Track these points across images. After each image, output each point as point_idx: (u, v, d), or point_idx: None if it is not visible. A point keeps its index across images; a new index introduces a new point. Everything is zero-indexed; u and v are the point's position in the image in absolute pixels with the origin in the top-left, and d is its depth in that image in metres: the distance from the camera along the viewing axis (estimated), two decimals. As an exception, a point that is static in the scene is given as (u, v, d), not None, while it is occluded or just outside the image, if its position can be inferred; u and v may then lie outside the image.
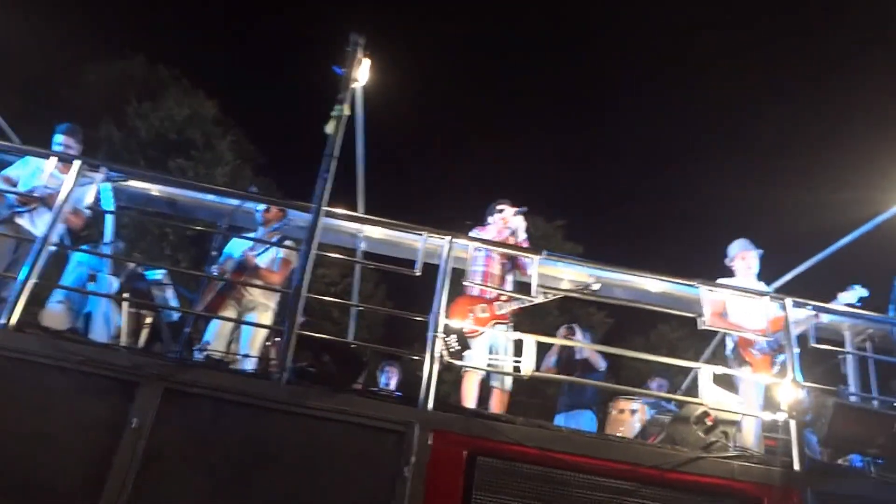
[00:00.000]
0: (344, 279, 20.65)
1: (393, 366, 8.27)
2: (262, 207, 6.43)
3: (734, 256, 6.45)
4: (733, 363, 5.98)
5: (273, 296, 6.28)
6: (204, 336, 5.97)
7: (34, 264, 4.56)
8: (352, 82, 5.27)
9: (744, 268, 6.36)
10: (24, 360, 4.13)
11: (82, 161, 5.11)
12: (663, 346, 22.38)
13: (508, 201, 6.45)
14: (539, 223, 23.81)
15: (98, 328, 5.47)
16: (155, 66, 23.14)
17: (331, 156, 4.95)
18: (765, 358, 5.76)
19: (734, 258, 6.44)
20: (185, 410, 4.13)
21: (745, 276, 6.34)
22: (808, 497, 4.40)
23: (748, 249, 6.42)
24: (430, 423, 4.29)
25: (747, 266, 6.36)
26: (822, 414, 4.70)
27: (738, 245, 6.48)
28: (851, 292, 6.00)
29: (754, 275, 6.38)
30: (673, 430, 5.00)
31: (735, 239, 6.53)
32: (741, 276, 6.35)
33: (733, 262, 6.45)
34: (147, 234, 17.87)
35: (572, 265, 6.79)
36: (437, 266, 5.04)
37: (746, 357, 5.86)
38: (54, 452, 3.92)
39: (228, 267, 6.20)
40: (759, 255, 6.43)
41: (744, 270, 6.35)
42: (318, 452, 4.14)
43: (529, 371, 4.92)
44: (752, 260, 6.38)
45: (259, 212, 6.42)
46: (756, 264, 6.39)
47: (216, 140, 20.82)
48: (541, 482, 4.26)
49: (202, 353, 5.56)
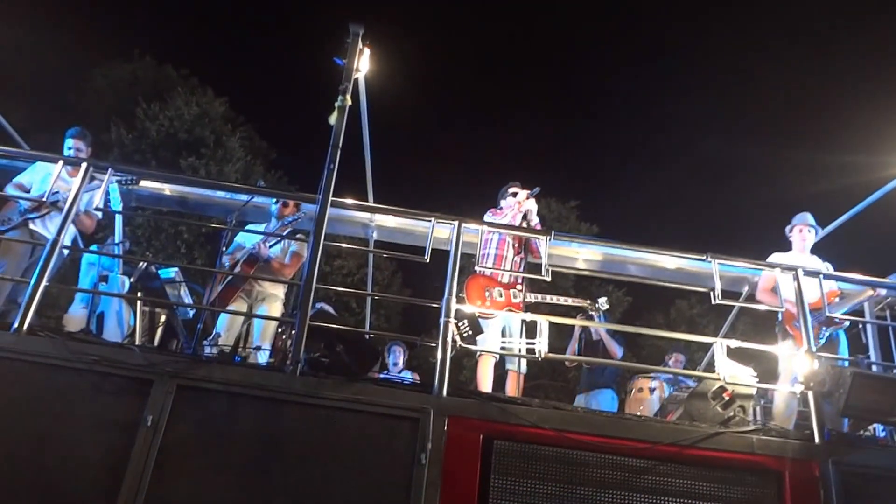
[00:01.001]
0: (361, 269, 20.74)
1: (399, 344, 8.28)
2: (277, 201, 6.46)
3: (793, 226, 6.52)
4: (779, 336, 5.99)
5: (283, 287, 6.32)
6: (215, 328, 5.99)
7: (45, 267, 4.57)
8: (353, 72, 5.26)
9: (799, 241, 6.42)
10: (37, 362, 4.15)
11: (90, 163, 5.13)
12: (682, 322, 22.30)
13: (520, 183, 6.42)
14: (553, 204, 23.71)
15: (111, 328, 5.51)
16: (163, 67, 23.23)
17: (335, 146, 4.94)
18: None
19: (793, 228, 6.51)
20: (199, 406, 4.13)
21: (799, 250, 6.38)
22: (828, 469, 4.35)
23: (807, 223, 6.46)
24: (445, 409, 4.27)
25: (801, 239, 6.41)
26: (841, 384, 4.65)
27: (800, 218, 6.53)
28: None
29: (808, 250, 6.40)
30: (690, 406, 4.97)
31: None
32: (796, 249, 6.40)
33: (791, 233, 6.51)
34: (161, 232, 17.96)
35: (584, 244, 6.76)
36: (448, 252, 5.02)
37: (791, 330, 5.85)
38: (71, 452, 3.94)
39: (239, 256, 6.21)
40: (816, 230, 6.49)
41: (799, 243, 6.41)
42: (334, 442, 4.13)
43: (544, 353, 4.90)
44: (808, 235, 6.42)
45: (276, 205, 6.44)
46: (812, 240, 6.43)
47: (226, 137, 20.85)
48: (558, 463, 4.24)
49: (214, 346, 5.57)
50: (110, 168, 5.28)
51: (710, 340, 5.24)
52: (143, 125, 19.95)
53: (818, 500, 4.26)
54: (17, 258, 5.64)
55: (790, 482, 4.30)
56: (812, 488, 4.31)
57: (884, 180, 6.82)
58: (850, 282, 5.97)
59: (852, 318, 6.14)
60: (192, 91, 21.56)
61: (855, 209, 7.16)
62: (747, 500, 4.26)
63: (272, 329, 6.15)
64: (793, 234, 6.48)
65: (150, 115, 20.08)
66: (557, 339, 5.09)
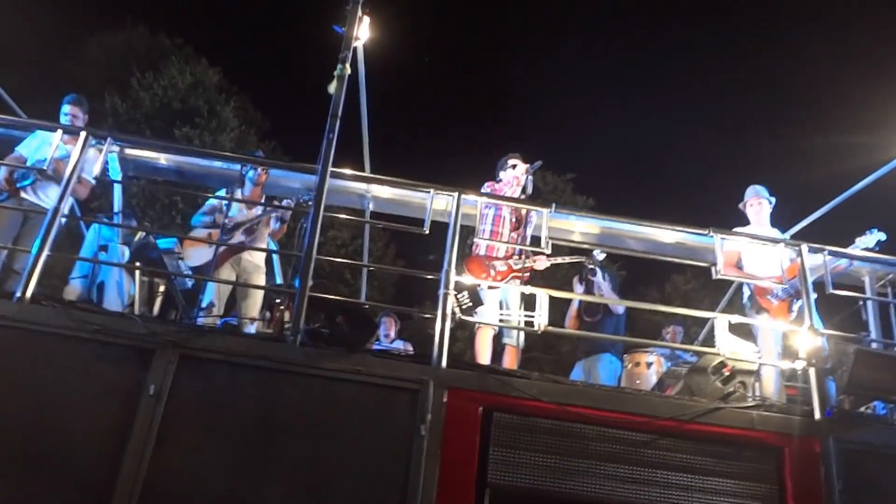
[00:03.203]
0: (355, 241, 20.75)
1: (390, 316, 8.26)
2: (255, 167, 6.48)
3: (745, 202, 6.42)
4: (750, 311, 5.94)
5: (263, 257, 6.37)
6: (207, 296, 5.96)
7: (46, 236, 4.53)
8: (353, 41, 5.19)
9: (754, 214, 6.32)
10: (40, 331, 4.14)
11: (89, 132, 5.07)
12: (677, 297, 22.34)
13: (520, 155, 6.32)
14: (549, 177, 23.64)
15: (111, 297, 5.49)
16: (156, 36, 22.99)
17: (334, 116, 4.89)
18: (781, 305, 5.71)
19: (745, 203, 6.42)
20: (200, 376, 4.13)
21: (757, 223, 6.29)
22: (829, 445, 4.37)
23: (759, 196, 6.36)
24: (445, 381, 4.28)
25: (756, 212, 6.32)
26: (843, 361, 4.64)
27: (751, 191, 6.43)
28: (869, 237, 5.90)
29: (767, 222, 6.32)
30: (690, 381, 4.97)
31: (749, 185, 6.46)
32: (754, 222, 6.30)
33: (745, 208, 6.41)
34: (156, 202, 17.87)
35: (583, 218, 6.72)
36: (446, 225, 4.99)
37: (763, 304, 5.82)
38: (74, 421, 3.93)
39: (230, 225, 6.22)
40: (771, 202, 6.37)
41: (755, 217, 6.32)
42: (334, 413, 4.14)
43: (543, 326, 4.89)
44: (764, 206, 6.33)
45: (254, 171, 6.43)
46: (767, 211, 6.34)
47: (220, 107, 20.69)
48: (558, 436, 4.26)
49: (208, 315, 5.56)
50: (109, 137, 5.23)
51: (711, 315, 5.24)
52: (137, 94, 19.79)
53: (818, 476, 4.28)
54: (5, 227, 5.58)
55: (790, 458, 4.32)
56: (812, 464, 4.33)
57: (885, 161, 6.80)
58: (852, 258, 5.94)
59: (853, 294, 6.13)
60: (186, 60, 21.38)
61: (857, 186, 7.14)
62: (747, 475, 4.28)
63: (259, 301, 6.18)
64: (747, 209, 6.38)
65: (145, 84, 19.92)
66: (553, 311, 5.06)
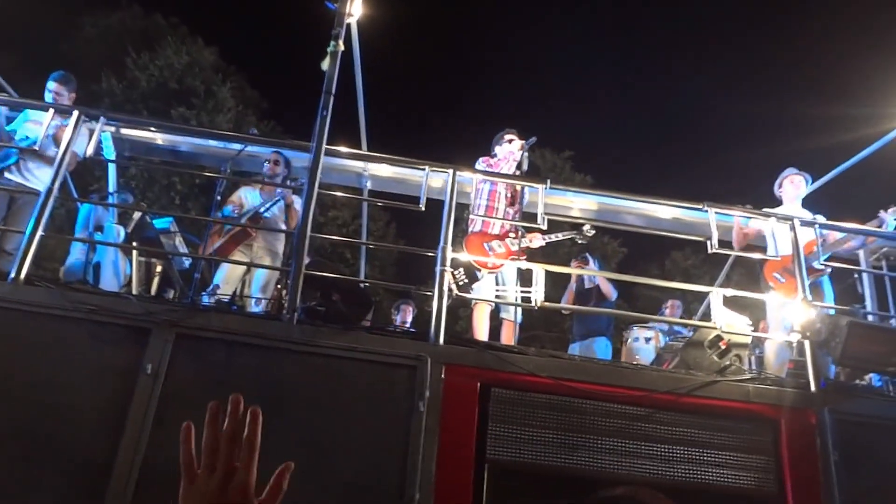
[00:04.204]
0: (355, 220, 20.73)
1: (408, 304, 8.28)
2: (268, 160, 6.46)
3: (781, 181, 6.36)
4: (762, 287, 5.94)
5: (280, 243, 6.31)
6: (213, 280, 5.97)
7: (40, 217, 4.51)
8: (346, 17, 5.15)
9: (793, 191, 6.26)
10: (36, 312, 4.13)
11: (81, 111, 5.04)
12: (677, 273, 22.38)
13: (516, 131, 6.29)
14: (547, 154, 23.58)
15: (107, 277, 5.48)
16: (152, 16, 22.84)
17: (328, 93, 4.86)
18: (790, 281, 5.67)
19: (781, 183, 6.36)
20: (197, 354, 4.14)
21: (790, 202, 6.26)
22: (824, 417, 4.39)
23: (792, 173, 6.33)
24: (442, 357, 4.28)
25: (795, 189, 6.27)
26: (837, 334, 4.66)
27: (788, 170, 6.39)
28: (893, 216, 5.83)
29: (799, 201, 6.29)
30: (687, 355, 4.98)
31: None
32: (787, 201, 6.28)
33: (781, 188, 6.36)
34: (155, 183, 17.85)
35: (578, 194, 6.71)
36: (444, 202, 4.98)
37: (771, 281, 5.81)
38: (72, 402, 3.93)
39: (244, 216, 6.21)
40: (807, 180, 6.36)
41: (792, 194, 6.26)
42: (332, 390, 4.15)
43: (540, 301, 4.89)
44: (801, 184, 6.29)
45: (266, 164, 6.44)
46: (802, 187, 6.31)
47: (217, 87, 20.61)
48: (555, 411, 4.27)
49: (212, 297, 5.56)
50: (102, 116, 5.20)
51: (707, 289, 5.24)
52: (132, 75, 19.71)
53: (814, 447, 4.31)
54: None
55: (786, 430, 4.34)
56: (808, 436, 4.35)
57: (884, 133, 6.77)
58: (848, 231, 5.93)
59: (848, 266, 6.14)
60: (181, 40, 21.25)
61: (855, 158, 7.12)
62: (744, 447, 4.31)
63: (272, 284, 6.15)
64: (783, 188, 6.33)
65: (140, 65, 19.84)
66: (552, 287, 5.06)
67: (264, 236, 6.24)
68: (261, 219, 6.17)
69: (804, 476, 4.24)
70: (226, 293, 5.85)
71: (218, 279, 5.96)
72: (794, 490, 4.20)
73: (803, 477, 4.24)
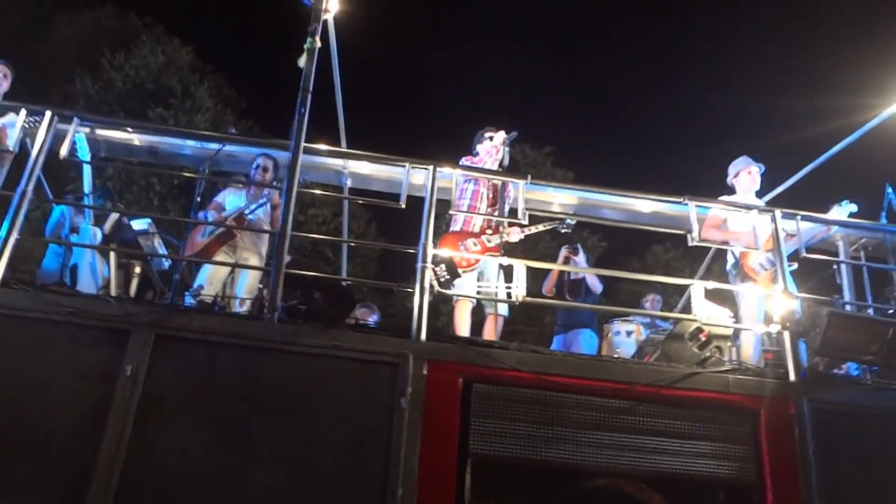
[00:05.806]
0: (336, 218, 20.62)
1: (367, 306, 8.17)
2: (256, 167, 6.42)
3: (738, 172, 6.36)
4: (735, 279, 5.94)
5: (264, 245, 6.28)
6: (196, 280, 5.93)
7: (14, 219, 4.46)
8: (322, 13, 5.12)
9: (749, 182, 6.28)
10: (12, 315, 4.08)
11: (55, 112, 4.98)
12: (658, 267, 22.43)
13: (494, 128, 6.30)
14: (527, 150, 23.61)
15: (85, 279, 5.43)
16: (126, 15, 22.61)
17: (305, 90, 4.84)
18: (767, 273, 5.70)
19: (738, 173, 6.36)
20: (178, 355, 4.11)
21: (746, 192, 6.28)
22: (803, 407, 4.43)
23: (751, 164, 6.34)
24: (424, 354, 4.28)
25: (752, 181, 6.28)
26: (817, 324, 4.71)
27: (741, 161, 6.40)
28: (841, 208, 5.90)
29: (754, 191, 6.31)
30: (668, 347, 5.01)
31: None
32: (742, 192, 6.29)
33: (737, 178, 6.37)
34: (133, 185, 17.70)
35: (560, 189, 6.72)
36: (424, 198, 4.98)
37: (749, 273, 5.83)
38: (51, 405, 3.90)
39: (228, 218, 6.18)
40: (761, 170, 6.37)
41: (748, 185, 6.27)
42: (314, 389, 4.14)
43: (521, 297, 4.90)
44: (756, 175, 6.31)
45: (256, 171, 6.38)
46: (758, 179, 6.32)
47: (194, 87, 20.43)
48: (538, 405, 4.29)
49: (195, 298, 5.53)
50: (76, 117, 5.14)
51: (687, 282, 5.27)
52: (108, 76, 19.50)
53: (793, 437, 4.35)
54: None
55: (766, 420, 4.38)
56: (787, 426, 4.39)
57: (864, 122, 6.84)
58: (827, 223, 5.99)
59: (827, 257, 6.19)
60: (157, 40, 21.04)
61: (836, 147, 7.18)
62: (724, 438, 4.35)
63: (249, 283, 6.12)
64: (739, 178, 6.32)
65: (116, 65, 19.63)
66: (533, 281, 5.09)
67: (250, 237, 6.21)
68: (245, 220, 6.13)
69: (783, 464, 4.28)
70: (210, 294, 5.81)
71: (202, 279, 5.91)
72: (773, 478, 4.25)
73: (782, 465, 4.28)
